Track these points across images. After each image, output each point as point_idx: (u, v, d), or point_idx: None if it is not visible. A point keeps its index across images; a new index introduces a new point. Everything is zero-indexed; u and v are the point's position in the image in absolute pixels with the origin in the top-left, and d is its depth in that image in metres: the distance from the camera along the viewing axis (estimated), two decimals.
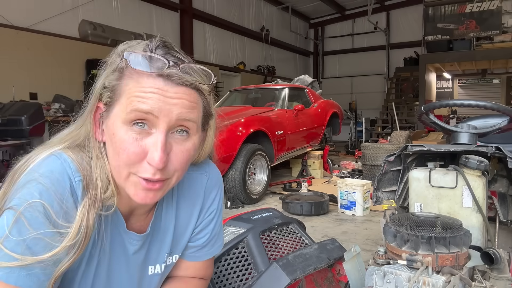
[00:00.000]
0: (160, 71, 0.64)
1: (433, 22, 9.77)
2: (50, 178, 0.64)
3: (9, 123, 4.88)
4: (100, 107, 0.69)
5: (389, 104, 12.31)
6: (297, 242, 1.35)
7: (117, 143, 0.65)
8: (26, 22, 7.01)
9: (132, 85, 0.65)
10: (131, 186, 0.68)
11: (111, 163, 0.69)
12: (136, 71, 0.65)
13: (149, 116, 0.64)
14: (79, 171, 0.67)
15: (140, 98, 0.64)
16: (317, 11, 15.95)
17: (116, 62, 0.67)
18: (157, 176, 0.66)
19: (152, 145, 0.65)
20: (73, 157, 0.67)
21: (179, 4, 10.65)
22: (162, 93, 0.64)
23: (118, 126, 0.65)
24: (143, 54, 0.65)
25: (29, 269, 0.59)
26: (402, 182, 1.59)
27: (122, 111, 0.65)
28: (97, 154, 0.70)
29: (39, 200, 0.61)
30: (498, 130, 1.61)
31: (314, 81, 8.02)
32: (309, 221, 3.55)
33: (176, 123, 0.66)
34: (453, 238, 1.04)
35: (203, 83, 0.68)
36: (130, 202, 0.75)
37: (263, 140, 4.68)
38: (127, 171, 0.67)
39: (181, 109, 0.66)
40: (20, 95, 6.41)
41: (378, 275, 1.05)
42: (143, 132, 0.65)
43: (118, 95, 0.66)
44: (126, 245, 0.78)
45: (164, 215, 0.83)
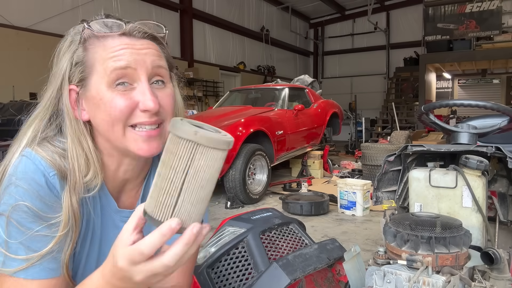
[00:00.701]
0: (122, 30, 0.70)
1: (433, 22, 9.77)
2: (25, 179, 0.66)
3: (9, 123, 4.88)
4: (73, 89, 0.72)
5: (389, 104, 12.31)
6: (297, 242, 1.35)
7: (107, 104, 0.68)
8: (26, 22, 7.01)
9: (100, 51, 0.69)
10: (131, 142, 0.71)
11: (103, 129, 0.71)
12: (99, 38, 0.70)
13: (128, 71, 0.68)
14: (52, 166, 0.69)
15: (114, 58, 0.68)
16: (317, 11, 15.95)
17: (75, 40, 0.71)
18: (153, 118, 0.70)
19: (140, 94, 0.69)
20: (43, 154, 0.69)
21: (179, 4, 10.66)
22: (132, 46, 0.70)
23: (103, 90, 0.69)
24: (99, 21, 0.71)
25: (40, 263, 0.66)
26: (402, 182, 1.59)
27: (102, 76, 0.69)
28: (77, 136, 0.71)
29: (22, 202, 0.65)
30: (498, 130, 1.61)
31: (314, 81, 8.02)
32: (309, 221, 3.55)
33: (153, 71, 0.71)
34: (453, 238, 1.04)
35: (160, 33, 0.75)
36: (117, 178, 0.78)
37: (263, 140, 4.68)
38: (121, 126, 0.69)
39: (152, 56, 0.71)
40: (20, 95, 6.40)
41: (378, 275, 1.05)
42: (127, 88, 0.69)
43: (91, 65, 0.70)
44: (118, 224, 0.79)
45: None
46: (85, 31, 0.70)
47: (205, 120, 4.92)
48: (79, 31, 0.72)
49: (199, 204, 0.54)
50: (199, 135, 0.50)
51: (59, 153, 0.71)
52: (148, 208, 0.55)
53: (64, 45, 0.73)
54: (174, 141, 0.52)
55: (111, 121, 0.69)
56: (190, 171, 0.52)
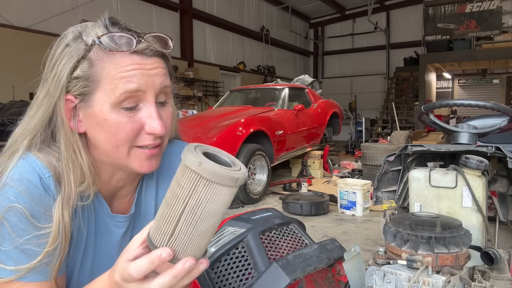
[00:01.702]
0: (133, 48, 0.66)
1: (433, 22, 9.77)
2: (20, 180, 0.66)
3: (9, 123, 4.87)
4: (70, 100, 0.69)
5: (389, 104, 12.31)
6: (297, 242, 1.35)
7: (112, 126, 0.67)
8: (26, 22, 7.01)
9: (110, 68, 0.66)
10: (134, 160, 0.71)
11: (105, 147, 0.70)
12: (108, 54, 0.66)
13: (138, 93, 0.67)
14: (48, 168, 0.68)
15: (125, 79, 0.66)
16: (317, 11, 15.95)
17: (79, 49, 0.67)
18: (157, 141, 0.71)
19: (147, 117, 0.68)
20: (39, 156, 0.69)
21: (179, 4, 10.66)
22: (142, 67, 0.67)
23: (108, 110, 0.67)
24: (109, 35, 0.66)
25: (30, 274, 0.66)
26: (402, 182, 1.59)
27: (109, 96, 0.66)
28: (72, 148, 0.70)
29: (16, 204, 0.64)
30: (498, 130, 1.61)
31: (314, 81, 8.02)
32: (309, 221, 3.55)
33: (160, 92, 0.71)
34: (453, 238, 1.04)
35: (167, 50, 0.73)
36: (110, 185, 0.78)
37: (263, 140, 4.68)
38: (127, 147, 0.69)
39: (161, 77, 0.70)
40: (20, 95, 6.40)
41: (378, 275, 1.05)
42: (133, 110, 0.68)
43: (97, 81, 0.66)
44: (112, 229, 0.80)
45: (144, 195, 0.85)
46: (94, 46, 0.67)
47: (205, 120, 4.87)
48: (77, 37, 0.68)
49: (198, 237, 0.53)
50: (203, 167, 0.48)
51: (56, 156, 0.70)
52: (151, 230, 0.55)
53: (59, 49, 0.69)
54: (181, 169, 0.51)
55: (116, 143, 0.69)
56: (190, 202, 0.50)
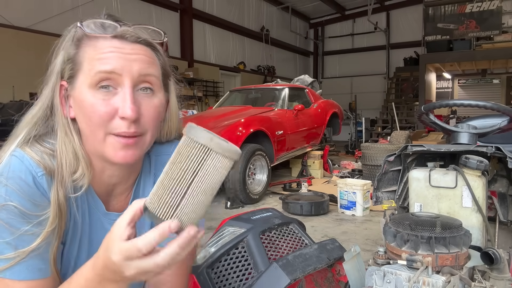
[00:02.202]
0: (114, 32, 0.69)
1: (433, 22, 9.77)
2: (13, 178, 0.66)
3: (9, 123, 4.88)
4: (63, 85, 0.72)
5: (389, 104, 12.31)
6: (297, 242, 1.35)
7: (88, 107, 0.68)
8: (26, 22, 7.01)
9: (90, 51, 0.69)
10: (109, 148, 0.70)
11: (86, 132, 0.71)
12: (91, 38, 0.69)
13: (113, 75, 0.67)
14: (40, 166, 0.69)
15: (101, 60, 0.67)
16: (317, 11, 15.95)
17: (70, 36, 0.71)
18: (131, 129, 0.69)
19: (121, 100, 0.68)
20: (32, 154, 0.69)
21: (179, 4, 10.65)
22: (120, 51, 0.68)
23: (85, 92, 0.68)
24: (95, 21, 0.70)
25: (27, 263, 0.65)
26: (402, 182, 1.59)
27: (86, 77, 0.68)
28: (65, 132, 0.72)
29: (9, 202, 0.65)
30: (498, 130, 1.61)
31: (314, 81, 8.02)
32: (309, 221, 3.55)
33: (139, 79, 0.69)
34: (453, 238, 1.04)
35: (155, 40, 0.73)
36: (103, 182, 0.77)
37: (263, 140, 4.68)
38: (102, 133, 0.69)
39: (141, 64, 0.69)
40: (20, 95, 6.40)
41: (378, 275, 1.05)
42: (110, 93, 0.68)
43: (79, 64, 0.69)
44: (107, 227, 0.79)
45: (142, 193, 0.84)
46: (77, 30, 0.70)
47: (205, 120, 4.87)
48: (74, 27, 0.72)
49: (199, 209, 0.56)
50: (214, 141, 0.53)
51: (48, 153, 0.71)
52: (150, 204, 0.56)
53: (59, 43, 0.73)
54: (188, 144, 0.54)
55: (91, 126, 0.69)
56: (199, 174, 0.53)
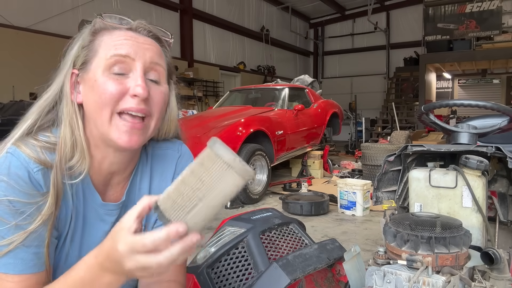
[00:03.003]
0: (129, 25, 0.77)
1: (433, 22, 9.77)
2: (8, 174, 0.68)
3: (9, 123, 4.88)
4: (74, 73, 0.76)
5: (389, 104, 12.31)
6: (297, 242, 1.35)
7: (100, 86, 0.72)
8: (26, 22, 7.01)
9: (107, 38, 0.75)
10: (114, 130, 0.73)
11: (92, 114, 0.74)
12: (108, 28, 0.76)
13: (127, 60, 0.73)
14: (35, 162, 0.70)
15: (117, 45, 0.73)
16: (317, 11, 15.95)
17: (87, 28, 0.77)
18: (141, 105, 0.73)
19: (133, 81, 0.73)
20: (27, 151, 0.71)
21: (179, 4, 10.65)
22: (135, 39, 0.75)
23: (99, 73, 0.73)
24: (112, 15, 0.78)
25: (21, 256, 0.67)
26: (402, 182, 1.59)
27: (101, 60, 0.73)
28: (70, 116, 0.75)
29: (4, 197, 0.67)
30: (498, 130, 1.61)
31: (314, 81, 8.02)
32: (309, 221, 3.55)
33: (150, 66, 0.75)
34: (453, 238, 1.04)
35: (164, 36, 0.81)
36: (103, 170, 0.79)
37: (263, 140, 4.68)
38: (109, 111, 0.72)
39: (152, 53, 0.76)
40: (20, 95, 6.40)
41: (378, 275, 1.05)
42: (122, 76, 0.73)
43: (95, 50, 0.75)
44: (104, 218, 0.81)
45: (138, 185, 0.86)
46: (97, 21, 0.77)
47: (205, 120, 4.87)
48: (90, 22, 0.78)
49: (206, 219, 0.59)
50: (237, 162, 0.55)
51: (43, 146, 0.73)
52: (162, 205, 0.58)
53: (75, 38, 0.79)
54: (211, 158, 0.56)
55: (101, 103, 0.72)
56: (216, 188, 0.56)
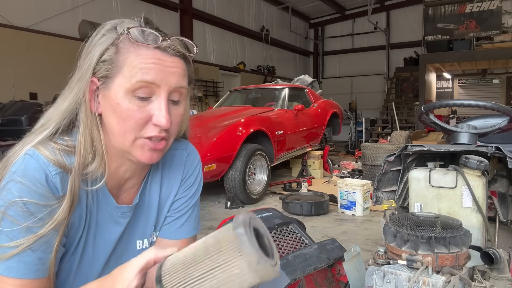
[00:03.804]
0: (157, 44, 0.72)
1: (433, 22, 9.77)
2: (25, 176, 0.67)
3: (9, 123, 4.88)
4: (94, 82, 0.74)
5: (389, 104, 12.31)
6: (297, 242, 1.35)
7: (123, 111, 0.71)
8: (26, 22, 7.01)
9: (132, 57, 0.71)
10: (137, 149, 0.74)
11: (115, 131, 0.74)
12: (134, 44, 0.72)
13: (152, 86, 0.71)
14: (54, 165, 0.70)
15: (143, 70, 0.70)
16: (317, 11, 15.94)
17: (111, 37, 0.73)
18: (162, 134, 0.74)
19: (157, 109, 0.72)
20: (46, 154, 0.70)
21: (179, 4, 10.65)
22: (161, 63, 0.72)
23: (122, 96, 0.71)
24: (139, 28, 0.72)
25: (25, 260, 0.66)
26: (402, 182, 1.59)
27: (126, 81, 0.71)
28: (90, 126, 0.74)
29: (19, 198, 0.66)
30: (498, 130, 1.61)
31: (314, 81, 8.02)
32: (309, 221, 3.55)
33: (174, 90, 0.74)
34: (453, 238, 1.04)
35: (190, 54, 0.78)
36: (117, 176, 0.80)
37: (263, 140, 4.68)
38: (133, 136, 0.73)
39: (177, 77, 0.74)
40: (20, 95, 6.40)
41: (378, 275, 1.05)
42: (145, 100, 0.72)
43: (119, 67, 0.71)
44: (118, 220, 0.82)
45: (149, 187, 0.88)
46: (122, 35, 0.72)
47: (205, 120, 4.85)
48: (113, 28, 0.74)
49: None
50: (261, 264, 0.47)
51: (62, 149, 0.72)
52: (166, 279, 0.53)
53: (95, 38, 0.74)
54: (231, 248, 0.48)
55: (124, 128, 0.72)
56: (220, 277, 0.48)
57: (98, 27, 0.76)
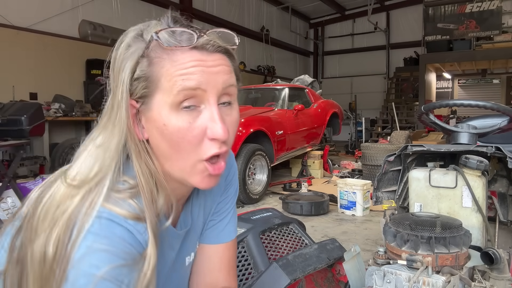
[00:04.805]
0: (193, 43, 0.61)
1: (433, 22, 9.78)
2: (111, 242, 0.56)
3: (9, 123, 4.88)
4: (132, 105, 0.63)
5: (389, 104, 12.32)
6: (297, 242, 1.36)
7: (174, 133, 0.61)
8: (26, 22, 7.01)
9: (168, 65, 0.61)
10: (197, 175, 0.65)
11: (169, 156, 0.64)
12: (167, 50, 0.61)
13: (198, 92, 0.61)
14: (133, 219, 0.59)
15: (184, 76, 0.60)
16: (317, 11, 15.95)
17: (139, 47, 0.62)
18: (223, 149, 0.64)
19: (209, 120, 0.62)
20: (122, 212, 0.58)
21: (179, 4, 10.66)
22: (203, 64, 0.61)
23: (167, 114, 0.61)
24: (168, 30, 0.61)
25: None
26: (402, 182, 1.59)
27: (167, 96, 0.60)
28: (143, 157, 0.64)
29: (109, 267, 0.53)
30: (498, 130, 1.61)
31: (314, 81, 8.02)
32: (309, 221, 3.55)
33: (222, 92, 0.64)
34: (453, 238, 1.04)
35: (232, 46, 0.67)
36: (171, 199, 0.71)
37: (263, 140, 4.68)
38: (193, 159, 0.63)
39: (224, 76, 0.63)
40: (20, 95, 6.40)
41: (378, 275, 1.05)
42: (194, 112, 0.62)
43: (156, 81, 0.61)
44: (174, 245, 0.75)
45: (193, 203, 0.81)
46: (151, 43, 0.62)
47: None
48: (138, 35, 0.64)
49: None
50: None
51: (130, 196, 0.61)
52: None
53: (120, 51, 0.63)
54: None
55: (179, 153, 0.62)
56: None
57: (121, 36, 0.65)
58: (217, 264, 0.87)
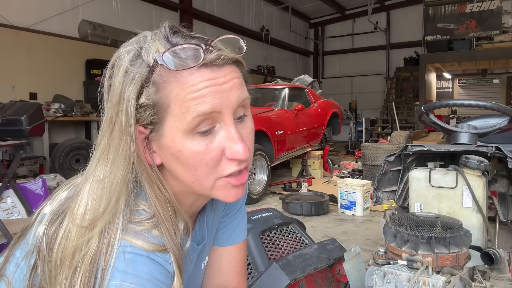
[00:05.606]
0: (201, 61, 0.56)
1: (433, 22, 9.78)
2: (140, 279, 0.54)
3: (9, 123, 4.88)
4: (140, 131, 0.59)
5: (389, 104, 12.31)
6: (297, 242, 1.36)
7: (190, 158, 0.58)
8: (26, 22, 7.01)
9: (178, 89, 0.56)
10: (219, 190, 0.62)
11: (184, 179, 0.61)
12: (173, 73, 0.56)
13: (212, 115, 0.57)
14: (159, 250, 0.57)
15: (196, 100, 0.55)
16: (317, 11, 15.95)
17: (140, 73, 0.57)
18: (242, 165, 0.61)
19: (227, 140, 0.59)
20: (144, 246, 0.56)
21: (179, 4, 10.66)
22: (214, 82, 0.56)
23: (181, 139, 0.57)
24: (170, 51, 0.56)
25: None
26: (402, 182, 1.59)
27: (180, 122, 0.56)
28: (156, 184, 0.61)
29: None
30: (498, 130, 1.61)
31: (314, 81, 8.03)
32: (309, 221, 3.55)
33: (237, 107, 0.60)
34: (453, 238, 1.04)
35: (239, 54, 0.62)
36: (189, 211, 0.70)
37: (263, 140, 4.69)
38: (211, 180, 0.61)
39: (237, 91, 0.59)
40: (20, 95, 6.40)
41: (378, 275, 1.05)
42: (209, 134, 0.58)
43: (165, 106, 0.57)
44: (192, 258, 0.75)
45: (209, 214, 0.80)
46: (156, 67, 0.56)
47: None
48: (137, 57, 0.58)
49: None
50: None
51: (150, 227, 0.59)
52: None
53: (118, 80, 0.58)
54: None
55: (197, 175, 0.60)
56: None
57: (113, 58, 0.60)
58: (228, 265, 0.88)
